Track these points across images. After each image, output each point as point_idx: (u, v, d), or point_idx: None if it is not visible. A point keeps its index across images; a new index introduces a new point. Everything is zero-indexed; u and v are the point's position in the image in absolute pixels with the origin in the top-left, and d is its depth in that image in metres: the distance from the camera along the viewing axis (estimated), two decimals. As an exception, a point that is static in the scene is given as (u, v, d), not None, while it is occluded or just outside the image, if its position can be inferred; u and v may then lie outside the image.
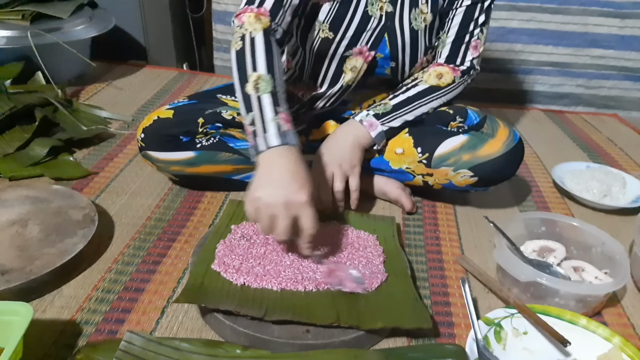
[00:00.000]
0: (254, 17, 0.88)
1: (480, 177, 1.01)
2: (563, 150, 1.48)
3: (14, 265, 0.81)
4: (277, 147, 0.78)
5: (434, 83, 1.04)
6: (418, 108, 1.03)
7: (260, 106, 0.81)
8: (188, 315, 0.78)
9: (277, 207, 0.74)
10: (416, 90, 1.04)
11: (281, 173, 0.76)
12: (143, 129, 1.03)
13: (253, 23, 0.87)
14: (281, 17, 0.91)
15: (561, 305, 0.81)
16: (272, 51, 0.86)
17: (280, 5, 0.90)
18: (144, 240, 0.95)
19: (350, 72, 1.05)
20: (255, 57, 0.85)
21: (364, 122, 1.01)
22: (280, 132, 0.79)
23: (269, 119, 0.80)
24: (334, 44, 1.01)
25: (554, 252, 0.93)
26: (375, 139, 1.01)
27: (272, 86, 0.83)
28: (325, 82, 1.08)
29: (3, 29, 1.45)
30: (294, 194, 0.75)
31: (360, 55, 1.03)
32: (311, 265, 0.84)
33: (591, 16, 1.74)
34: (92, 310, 0.78)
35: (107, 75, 1.75)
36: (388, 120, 1.02)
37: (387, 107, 1.03)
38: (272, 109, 0.81)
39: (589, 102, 1.88)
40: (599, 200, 1.15)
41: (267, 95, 0.82)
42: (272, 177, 0.76)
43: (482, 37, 1.05)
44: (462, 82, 1.06)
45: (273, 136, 0.79)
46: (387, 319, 0.74)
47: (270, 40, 0.88)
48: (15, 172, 1.10)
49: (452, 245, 1.00)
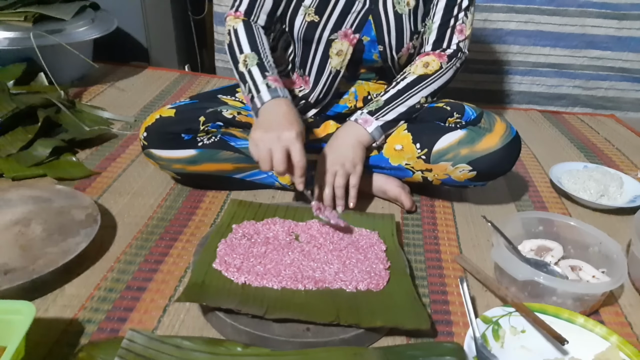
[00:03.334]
0: (233, 17, 1.05)
1: (479, 171, 1.02)
2: (560, 151, 1.49)
3: (17, 265, 0.82)
4: (270, 100, 0.94)
5: (421, 72, 1.05)
6: (410, 98, 1.05)
7: (251, 76, 0.98)
8: (190, 313, 0.79)
9: (272, 141, 0.88)
10: (405, 83, 1.06)
11: (274, 117, 0.92)
12: (146, 127, 1.04)
13: (234, 20, 1.05)
14: (255, 15, 1.05)
15: (559, 304, 0.81)
16: (253, 34, 1.02)
17: (253, 7, 1.05)
18: (146, 240, 0.96)
19: (336, 57, 1.07)
20: (240, 42, 1.02)
21: (359, 120, 1.04)
22: (270, 89, 0.95)
23: (260, 82, 0.97)
24: (320, 27, 1.04)
25: (552, 252, 0.94)
26: (372, 134, 1.03)
27: (258, 59, 0.99)
28: (314, 69, 1.11)
29: (6, 31, 1.46)
30: (284, 130, 0.89)
31: (345, 38, 1.05)
32: (311, 264, 0.85)
33: (589, 17, 1.75)
34: (95, 309, 0.79)
35: (109, 77, 1.76)
36: (382, 115, 1.04)
37: (379, 102, 1.05)
38: (260, 74, 0.97)
39: (587, 103, 1.89)
40: (596, 200, 1.16)
41: (255, 67, 0.98)
42: (267, 121, 0.92)
43: (467, 21, 1.07)
44: (450, 66, 1.07)
45: (265, 93, 0.95)
46: (387, 317, 0.75)
47: (252, 26, 1.04)
48: (18, 172, 1.11)
49: (451, 244, 1.01)
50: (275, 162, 0.88)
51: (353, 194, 1.01)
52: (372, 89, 1.13)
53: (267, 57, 1.00)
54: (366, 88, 1.14)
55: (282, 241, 0.91)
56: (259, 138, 0.89)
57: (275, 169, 0.89)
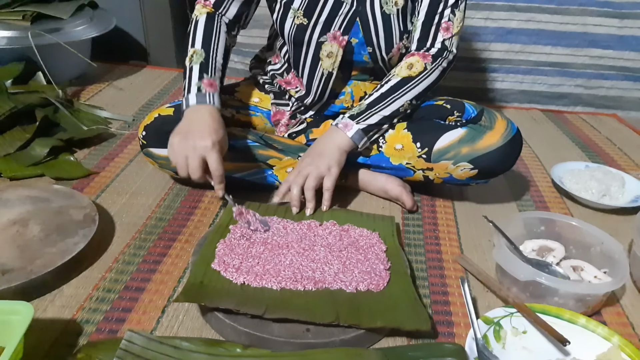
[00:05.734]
0: (202, 5, 1.05)
1: (480, 169, 1.01)
2: (562, 150, 1.49)
3: (15, 265, 0.81)
4: (195, 105, 0.95)
5: (405, 75, 1.04)
6: (393, 102, 1.03)
7: (190, 74, 0.98)
8: (188, 314, 0.79)
9: (188, 149, 0.90)
10: (389, 86, 1.04)
11: (194, 124, 0.93)
12: (144, 126, 1.04)
13: (200, 9, 1.05)
14: (225, 8, 1.05)
15: (560, 305, 0.81)
16: (211, 30, 1.02)
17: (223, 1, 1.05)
18: (145, 240, 0.95)
19: (327, 59, 1.06)
20: (195, 35, 1.02)
21: (339, 125, 1.02)
22: (199, 93, 0.96)
23: (194, 83, 0.97)
24: (309, 29, 1.04)
25: (553, 252, 0.93)
26: (353, 138, 1.01)
27: (203, 58, 0.99)
28: (305, 70, 1.10)
29: (4, 30, 1.45)
30: (200, 139, 0.90)
31: (334, 40, 1.04)
32: (311, 265, 0.84)
33: (590, 16, 1.74)
34: (93, 310, 0.78)
35: (107, 76, 1.75)
36: (363, 119, 1.02)
37: (362, 106, 1.04)
38: (198, 74, 0.98)
39: (588, 102, 1.88)
40: (598, 199, 1.15)
41: (196, 65, 0.98)
42: (186, 127, 0.93)
43: (455, 18, 1.04)
44: (435, 67, 1.04)
45: (193, 96, 0.96)
46: (387, 318, 0.74)
47: (214, 21, 1.03)
48: (16, 172, 1.11)
49: (452, 245, 1.01)
50: (191, 170, 0.91)
51: (326, 196, 1.00)
52: (368, 89, 1.12)
53: (214, 57, 1.00)
54: (362, 88, 1.12)
55: (280, 241, 0.90)
56: (176, 144, 0.91)
57: (191, 176, 0.91)
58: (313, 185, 0.98)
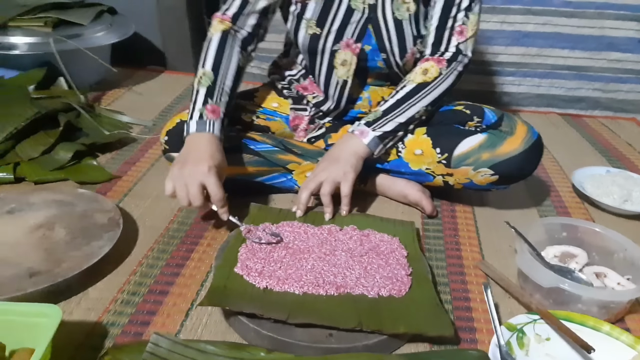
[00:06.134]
0: (219, 21, 1.03)
1: (501, 175, 1.01)
2: (581, 155, 1.48)
3: (42, 268, 0.83)
4: (194, 133, 0.95)
5: (420, 80, 1.03)
6: (409, 108, 1.03)
7: (196, 97, 0.97)
8: (212, 317, 0.80)
9: (186, 178, 0.88)
10: (404, 92, 1.04)
11: (191, 152, 0.92)
12: (167, 131, 1.05)
13: (216, 26, 1.03)
14: (243, 21, 1.04)
15: (584, 312, 0.80)
16: (223, 51, 1.01)
17: (242, 12, 1.03)
18: (167, 244, 0.96)
19: (341, 67, 1.06)
20: (207, 55, 1.00)
21: (355, 132, 1.02)
22: (200, 121, 0.95)
23: (197, 108, 0.96)
24: (322, 39, 1.04)
25: (576, 258, 0.92)
26: (369, 145, 1.01)
27: (211, 81, 0.98)
28: (322, 78, 1.11)
29: (26, 36, 1.47)
30: (197, 166, 0.89)
31: (348, 48, 1.05)
32: (332, 270, 0.85)
33: (607, 19, 1.73)
34: (118, 312, 0.79)
35: (127, 81, 1.77)
36: (379, 126, 1.02)
37: (377, 113, 1.03)
38: (202, 99, 0.97)
39: (607, 106, 1.86)
40: (620, 205, 1.15)
41: (203, 89, 0.97)
42: (184, 157, 0.92)
43: (469, 22, 1.04)
44: (451, 71, 1.04)
45: (194, 123, 0.95)
46: (410, 324, 0.75)
47: (227, 40, 1.02)
48: (40, 176, 1.12)
49: (472, 250, 1.00)
50: (191, 198, 0.89)
51: (345, 202, 1.00)
52: (385, 94, 1.11)
53: (223, 80, 0.99)
54: (380, 93, 1.13)
55: (301, 246, 0.90)
56: (175, 175, 0.90)
57: (192, 203, 0.89)
58: (329, 190, 0.98)
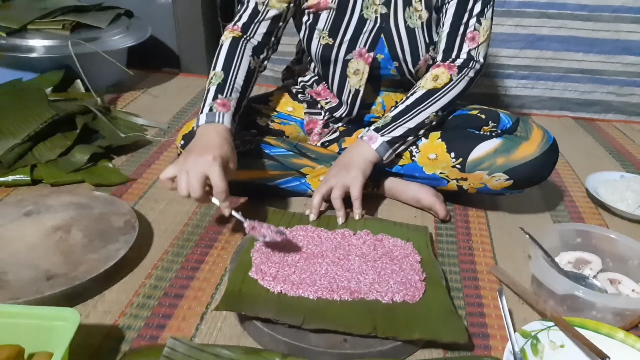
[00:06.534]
0: (229, 31, 1.04)
1: (516, 179, 1.01)
2: (595, 159, 1.47)
3: (59, 271, 0.84)
4: (204, 124, 0.93)
5: (430, 87, 1.04)
6: (419, 114, 1.03)
7: (207, 95, 0.97)
8: (227, 321, 0.80)
9: (188, 165, 0.85)
10: (414, 98, 1.04)
11: (199, 143, 0.90)
12: (183, 135, 1.06)
13: (227, 35, 1.04)
14: (253, 29, 1.03)
15: (598, 319, 0.80)
16: (234, 54, 1.00)
17: (252, 21, 1.03)
18: (182, 247, 0.97)
19: (354, 76, 1.07)
20: (218, 59, 1.00)
21: (364, 138, 1.03)
22: (210, 113, 0.93)
23: (207, 103, 0.95)
24: (335, 48, 1.05)
25: (590, 264, 0.92)
26: (378, 151, 1.02)
27: (221, 79, 0.97)
28: (335, 86, 1.12)
29: (45, 39, 1.49)
30: (202, 155, 0.85)
31: (360, 57, 1.05)
32: (346, 274, 0.85)
33: (623, 23, 1.71)
34: (134, 316, 0.80)
35: (142, 83, 1.79)
36: (388, 131, 1.02)
37: (387, 119, 1.04)
38: (213, 95, 0.96)
39: (620, 110, 1.85)
40: (634, 211, 1.14)
41: (213, 87, 0.97)
42: (191, 147, 0.89)
43: (481, 27, 1.03)
44: (462, 77, 1.04)
45: (203, 116, 0.94)
46: (424, 330, 0.75)
47: (238, 45, 1.01)
48: (57, 178, 1.14)
49: (485, 255, 1.00)
50: (191, 188, 0.84)
51: (356, 205, 1.00)
52: (399, 99, 1.11)
53: (233, 78, 0.98)
54: (393, 98, 1.13)
55: (315, 250, 0.91)
56: (180, 163, 0.86)
57: (191, 194, 0.84)
58: (339, 194, 0.99)
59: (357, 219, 1.01)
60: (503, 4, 1.70)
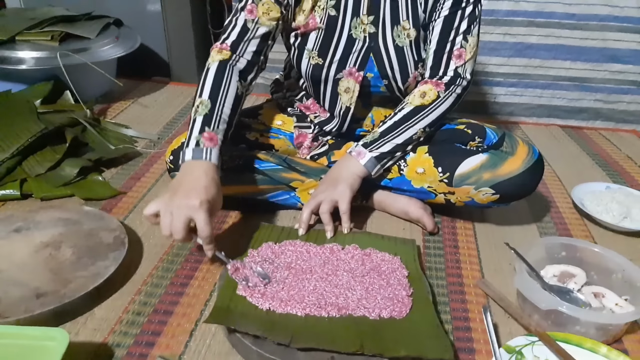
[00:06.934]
0: (217, 51, 1.00)
1: (502, 194, 1.02)
2: (582, 169, 1.49)
3: (49, 289, 0.84)
4: (190, 161, 0.89)
5: (418, 103, 1.05)
6: (406, 130, 1.04)
7: (192, 126, 0.93)
8: (215, 338, 0.81)
9: (173, 206, 0.83)
10: (402, 114, 1.05)
11: (184, 182, 0.86)
12: (172, 151, 1.06)
13: (214, 56, 0.99)
14: (242, 48, 1.00)
15: (582, 333, 0.81)
16: (221, 80, 0.96)
17: (242, 39, 1.00)
18: (172, 262, 0.97)
19: (345, 94, 1.08)
20: (205, 85, 0.96)
21: (352, 153, 1.05)
22: (197, 148, 0.90)
23: (193, 136, 0.91)
24: (325, 68, 1.06)
25: (575, 278, 0.93)
26: (366, 166, 1.03)
27: (208, 109, 0.93)
28: (326, 104, 1.13)
29: (34, 50, 1.49)
30: (187, 199, 0.83)
31: (350, 76, 1.06)
32: (334, 290, 0.86)
33: (610, 32, 1.73)
34: (124, 333, 0.81)
35: (132, 93, 1.79)
36: (376, 147, 1.04)
37: (375, 135, 1.05)
38: (200, 127, 0.92)
39: (608, 117, 1.87)
40: (619, 222, 1.15)
41: (200, 117, 0.93)
42: (176, 186, 0.86)
43: (467, 45, 1.04)
44: (449, 94, 1.05)
45: (189, 151, 0.90)
46: (410, 347, 0.76)
47: (226, 70, 0.98)
48: (46, 193, 1.14)
49: (473, 268, 1.01)
50: (173, 230, 0.83)
51: (344, 219, 1.01)
52: (388, 114, 1.13)
53: (221, 108, 0.94)
54: (383, 112, 1.14)
55: (303, 266, 0.92)
56: (163, 201, 0.84)
57: (174, 236, 0.84)
58: (327, 209, 1.00)
59: (345, 233, 1.02)
60: (492, 12, 1.72)
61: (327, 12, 1.03)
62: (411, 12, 1.03)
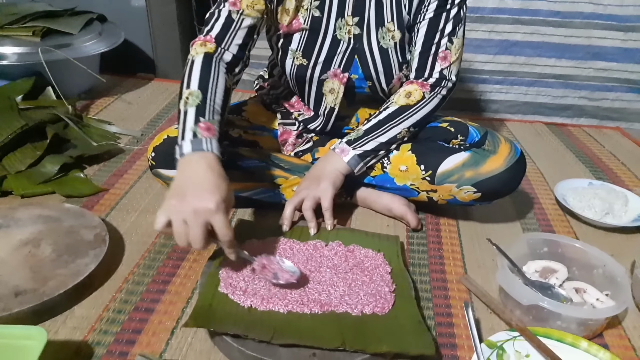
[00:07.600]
0: (200, 44, 0.94)
1: (484, 192, 1.03)
2: (565, 166, 1.50)
3: (28, 287, 0.83)
4: (191, 154, 0.81)
5: (403, 103, 1.05)
6: (390, 129, 1.05)
7: (185, 118, 0.85)
8: (197, 336, 0.80)
9: (187, 214, 0.74)
10: (386, 113, 1.05)
11: (191, 181, 0.78)
12: (154, 148, 1.05)
13: (198, 48, 0.94)
14: (228, 41, 0.95)
15: (563, 328, 0.82)
16: (209, 71, 0.91)
17: (227, 31, 0.95)
18: (154, 259, 0.96)
19: (330, 95, 1.08)
20: (191, 76, 0.90)
21: (336, 150, 1.04)
22: (195, 139, 0.82)
23: (189, 127, 0.83)
24: (309, 69, 1.05)
25: (556, 273, 0.94)
26: (349, 163, 1.03)
27: (200, 100, 0.87)
28: (311, 103, 1.13)
29: (15, 46, 1.47)
30: (200, 202, 0.74)
31: (335, 77, 1.06)
32: (317, 287, 0.86)
33: (594, 29, 1.75)
34: (104, 331, 0.80)
35: (116, 89, 1.77)
36: (360, 145, 1.04)
37: (359, 132, 1.05)
38: (194, 118, 0.84)
39: (592, 114, 1.89)
40: (601, 218, 1.16)
41: (192, 108, 0.85)
42: (182, 186, 0.77)
43: (452, 47, 1.04)
44: (434, 95, 1.06)
45: (187, 143, 0.82)
46: (392, 343, 0.76)
47: (212, 62, 0.92)
48: (27, 190, 1.12)
49: (456, 265, 1.02)
50: (193, 240, 0.75)
51: (327, 216, 1.01)
52: (373, 112, 1.13)
53: (213, 98, 0.88)
54: (367, 111, 1.15)
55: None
56: (173, 209, 0.75)
57: (193, 246, 0.76)
58: (309, 205, 1.00)
59: (329, 230, 1.02)
60: (477, 10, 1.72)
61: (310, 12, 1.02)
62: (396, 13, 1.03)
